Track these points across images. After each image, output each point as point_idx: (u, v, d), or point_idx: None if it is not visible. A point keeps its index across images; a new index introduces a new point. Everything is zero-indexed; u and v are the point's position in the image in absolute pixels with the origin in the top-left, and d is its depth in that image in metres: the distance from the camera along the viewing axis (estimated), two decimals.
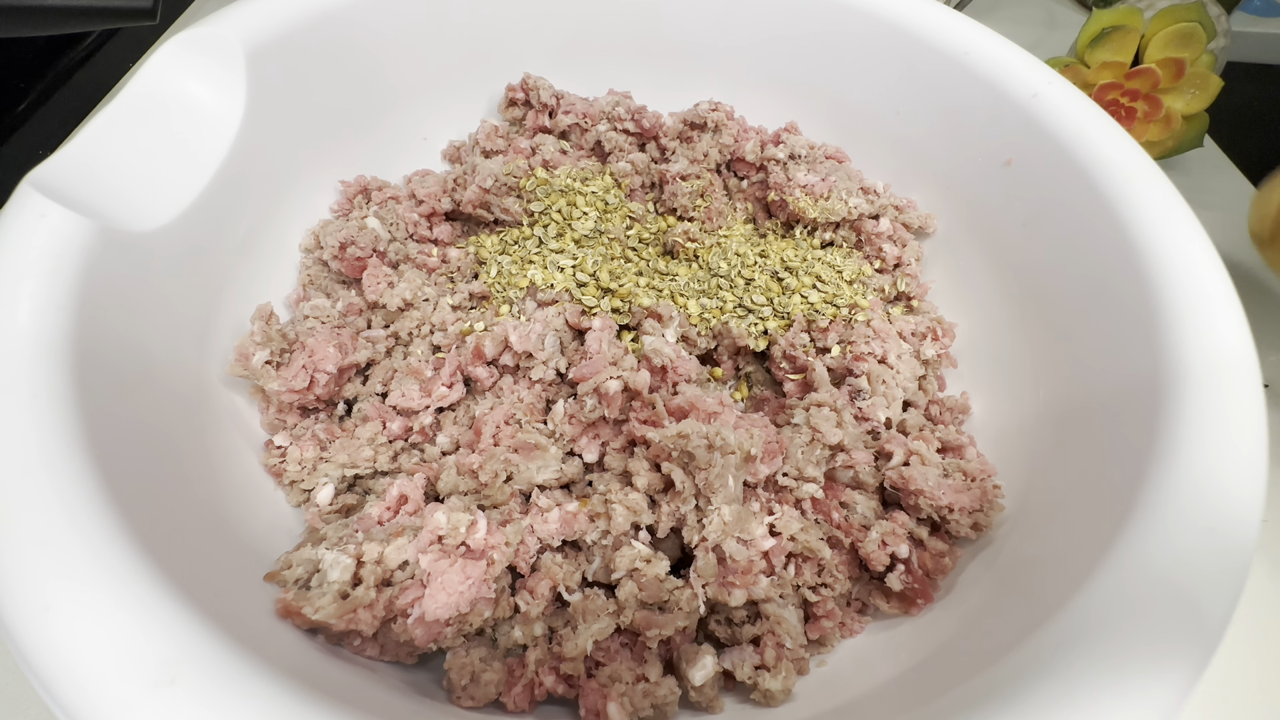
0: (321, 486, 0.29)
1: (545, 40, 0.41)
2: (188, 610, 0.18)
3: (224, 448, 0.28)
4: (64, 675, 0.16)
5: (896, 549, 0.27)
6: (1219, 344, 0.23)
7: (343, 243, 0.34)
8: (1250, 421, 0.22)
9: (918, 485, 0.28)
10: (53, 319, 0.22)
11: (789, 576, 0.27)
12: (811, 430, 0.29)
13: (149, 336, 0.26)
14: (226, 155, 0.30)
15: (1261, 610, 0.32)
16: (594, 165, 0.40)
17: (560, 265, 0.35)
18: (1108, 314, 0.27)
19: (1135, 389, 0.25)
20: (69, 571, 0.18)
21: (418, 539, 0.24)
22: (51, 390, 0.21)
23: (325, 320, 0.33)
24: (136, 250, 0.26)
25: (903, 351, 0.33)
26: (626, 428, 0.28)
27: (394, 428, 0.30)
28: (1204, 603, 0.19)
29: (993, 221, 0.34)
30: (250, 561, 0.25)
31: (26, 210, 0.24)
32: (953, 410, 0.32)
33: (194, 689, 0.17)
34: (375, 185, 0.38)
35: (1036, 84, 0.32)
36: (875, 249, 0.37)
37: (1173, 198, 0.27)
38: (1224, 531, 0.20)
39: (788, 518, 0.27)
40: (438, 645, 0.24)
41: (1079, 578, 0.21)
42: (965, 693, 0.20)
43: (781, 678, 0.25)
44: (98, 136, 0.26)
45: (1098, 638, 0.19)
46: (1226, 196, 0.51)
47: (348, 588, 0.23)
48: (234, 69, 0.30)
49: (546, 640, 0.25)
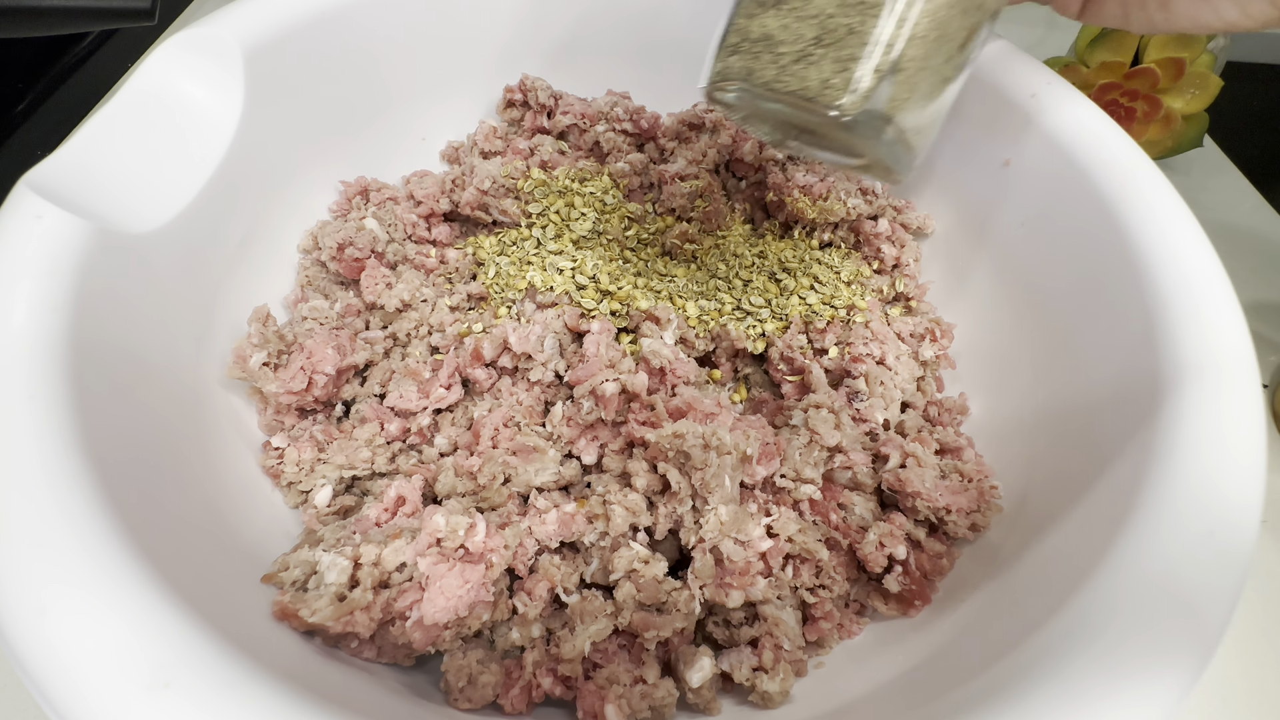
0: (319, 488, 0.29)
1: (543, 40, 0.41)
2: (184, 612, 0.18)
3: (222, 449, 0.28)
4: (59, 678, 0.16)
5: (894, 550, 0.27)
6: (1218, 344, 0.23)
7: (341, 244, 0.34)
8: (1249, 423, 0.22)
9: (915, 487, 0.28)
10: (49, 320, 0.22)
11: (787, 578, 0.27)
12: (809, 432, 0.29)
13: (146, 338, 0.26)
14: (224, 156, 0.30)
15: (1260, 611, 0.32)
16: (592, 166, 0.40)
17: (560, 267, 0.34)
18: (1106, 314, 0.27)
19: (1134, 389, 0.24)
20: (65, 574, 0.18)
21: (416, 541, 0.24)
22: (48, 392, 0.21)
23: (323, 321, 0.33)
24: (134, 251, 0.26)
25: (901, 353, 0.33)
26: (625, 429, 0.28)
27: (392, 429, 0.30)
28: (1203, 604, 0.19)
29: (991, 222, 0.34)
30: (247, 563, 0.25)
31: (23, 211, 0.24)
32: (951, 411, 0.32)
33: (189, 692, 0.17)
34: (374, 186, 0.38)
35: (1035, 84, 0.32)
36: (874, 250, 0.37)
37: (1172, 198, 0.27)
38: (1223, 533, 0.20)
39: (785, 519, 0.27)
40: (435, 648, 0.24)
41: (1077, 579, 0.21)
42: (964, 694, 0.20)
43: (779, 679, 0.24)
44: (95, 137, 0.26)
45: (1096, 639, 0.19)
46: (1226, 196, 0.51)
47: (345, 590, 0.23)
48: (232, 70, 0.30)
49: (544, 642, 0.25)
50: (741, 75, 0.21)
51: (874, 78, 0.19)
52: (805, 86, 0.20)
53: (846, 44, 0.19)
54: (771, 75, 0.20)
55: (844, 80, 0.19)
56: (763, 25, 0.20)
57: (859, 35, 0.19)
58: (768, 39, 0.20)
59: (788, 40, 0.20)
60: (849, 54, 0.19)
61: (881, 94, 0.19)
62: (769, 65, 0.20)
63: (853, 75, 0.19)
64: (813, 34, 0.20)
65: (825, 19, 0.20)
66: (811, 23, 0.20)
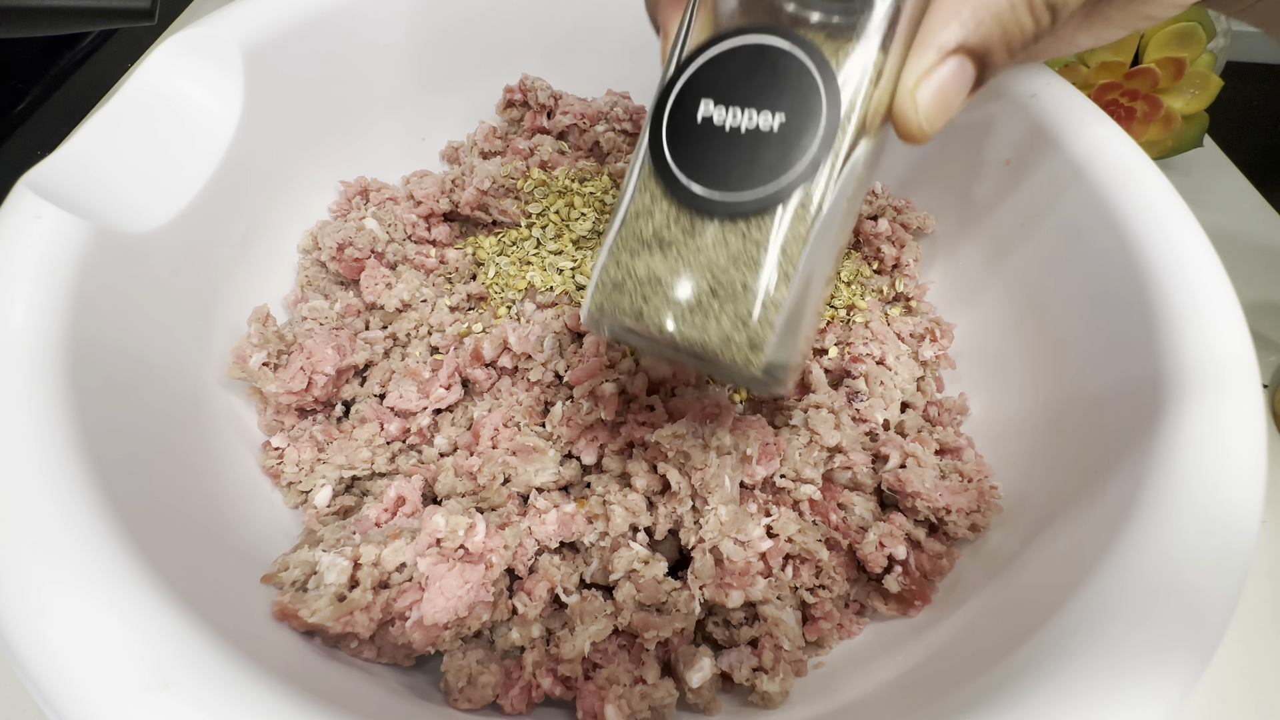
0: (319, 488, 0.29)
1: (543, 40, 0.41)
2: (183, 613, 0.18)
3: (221, 449, 0.28)
4: (58, 679, 0.16)
5: (894, 550, 0.27)
6: (1218, 344, 0.23)
7: (340, 244, 0.34)
8: (1249, 423, 0.22)
9: (914, 487, 0.28)
10: (49, 321, 0.22)
11: (787, 578, 0.27)
12: (809, 432, 0.29)
13: (146, 338, 0.26)
14: (224, 156, 0.30)
15: (1261, 612, 0.32)
16: (592, 166, 0.40)
17: (559, 267, 0.34)
18: (1107, 314, 0.27)
19: (1134, 390, 0.24)
20: (64, 574, 0.18)
21: (416, 541, 0.24)
22: (47, 392, 0.21)
23: (323, 321, 0.33)
24: (133, 252, 0.26)
25: (901, 353, 0.33)
26: (625, 429, 0.28)
27: (392, 429, 0.30)
28: (1203, 605, 0.19)
29: (991, 222, 0.34)
30: (247, 563, 0.25)
31: (22, 211, 0.24)
32: (951, 411, 0.32)
33: (189, 692, 0.17)
34: (374, 186, 0.38)
35: (1035, 84, 0.32)
36: (873, 249, 0.37)
37: (1172, 198, 0.27)
38: (1223, 533, 0.20)
39: (785, 519, 0.27)
40: (435, 648, 0.24)
41: (1077, 580, 0.21)
42: (964, 694, 0.20)
43: (779, 679, 0.24)
44: (95, 137, 0.26)
45: (1096, 640, 0.19)
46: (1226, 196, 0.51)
47: (345, 590, 0.23)
48: (231, 70, 0.30)
49: (544, 642, 0.25)
50: (631, 315, 0.19)
51: (774, 334, 0.18)
52: (705, 340, 0.19)
53: (744, 300, 0.18)
54: (664, 321, 0.19)
55: (746, 339, 0.18)
56: (649, 266, 0.19)
57: (753, 292, 0.18)
58: (657, 281, 0.19)
59: (679, 287, 0.19)
60: (746, 310, 0.18)
61: (783, 347, 0.19)
62: (661, 309, 0.19)
63: (755, 334, 0.18)
64: (706, 285, 0.19)
65: (718, 271, 0.19)
66: (703, 273, 0.19)
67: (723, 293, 0.19)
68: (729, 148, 0.19)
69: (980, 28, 0.18)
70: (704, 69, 0.19)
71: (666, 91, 0.20)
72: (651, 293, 0.19)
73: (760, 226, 0.19)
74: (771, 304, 0.18)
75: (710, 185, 0.19)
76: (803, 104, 0.18)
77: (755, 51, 0.19)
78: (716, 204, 0.19)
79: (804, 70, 0.18)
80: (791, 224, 0.18)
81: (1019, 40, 0.18)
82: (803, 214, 0.18)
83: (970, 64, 0.18)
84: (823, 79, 0.18)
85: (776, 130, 0.18)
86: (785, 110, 0.18)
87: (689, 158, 0.19)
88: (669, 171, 0.19)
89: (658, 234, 0.19)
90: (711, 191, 0.19)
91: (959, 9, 0.18)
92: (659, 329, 0.19)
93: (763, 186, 0.18)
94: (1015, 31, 0.18)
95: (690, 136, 0.19)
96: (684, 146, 0.19)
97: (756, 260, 0.18)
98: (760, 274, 0.18)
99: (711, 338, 0.19)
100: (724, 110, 0.19)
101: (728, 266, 0.19)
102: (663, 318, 0.19)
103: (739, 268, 0.19)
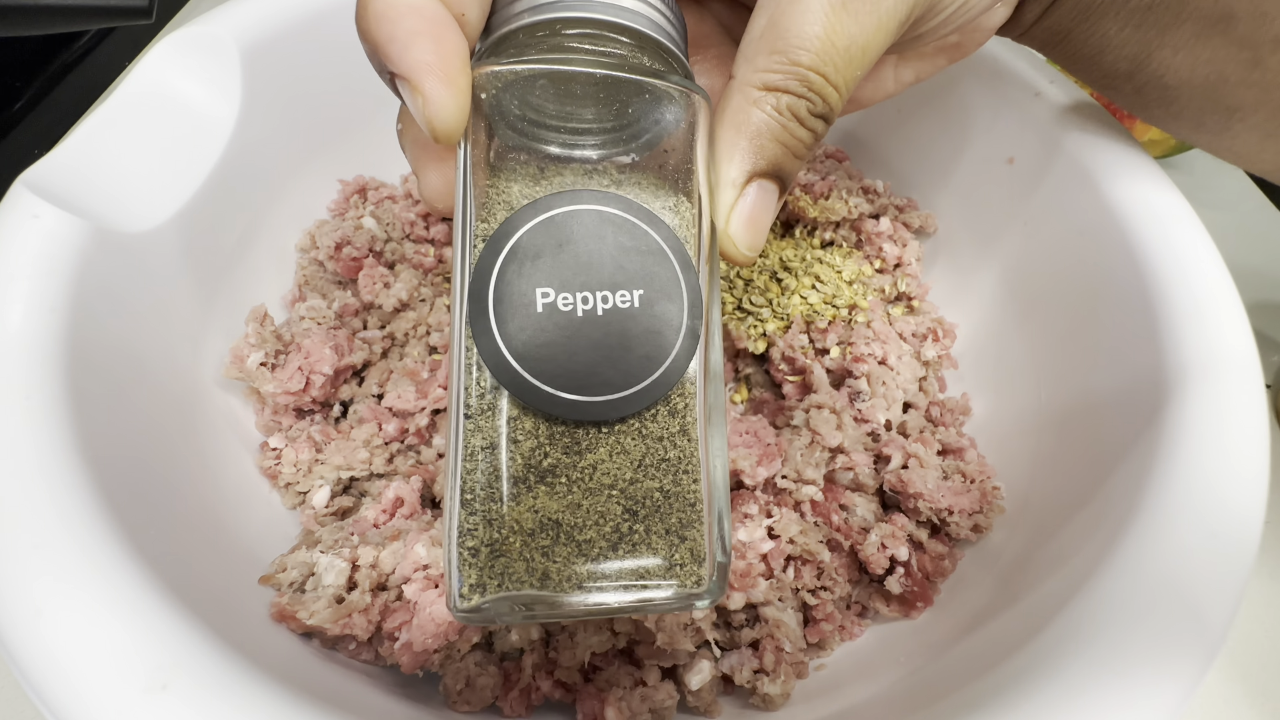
0: (317, 489, 0.29)
1: None
2: (181, 614, 0.18)
3: (219, 450, 0.28)
4: (56, 680, 0.16)
5: (896, 551, 0.27)
6: (1221, 344, 0.23)
7: (338, 243, 0.34)
8: (1252, 423, 0.22)
9: (917, 488, 0.28)
10: (46, 321, 0.22)
11: (788, 579, 0.27)
12: (811, 432, 0.29)
13: (144, 338, 0.26)
14: (221, 155, 0.30)
15: (1263, 612, 0.32)
16: None
17: None
18: (1109, 314, 0.27)
19: (1137, 390, 0.24)
20: (61, 575, 0.18)
21: (402, 565, 0.24)
22: (45, 392, 0.21)
23: (321, 321, 0.33)
24: (131, 251, 0.26)
25: (903, 353, 0.32)
26: None
27: (390, 429, 0.30)
28: (1205, 606, 0.19)
29: (994, 221, 0.34)
30: (245, 564, 0.25)
31: (20, 211, 0.23)
32: (953, 411, 0.32)
33: (187, 694, 0.16)
34: (372, 185, 0.38)
35: (1039, 83, 0.31)
36: (875, 249, 0.37)
37: (1175, 197, 0.27)
38: (1226, 534, 0.20)
39: (787, 520, 0.27)
40: (424, 670, 0.24)
41: (1080, 580, 0.21)
42: (966, 696, 0.20)
43: (780, 681, 0.24)
44: (92, 136, 0.26)
45: (1099, 641, 0.19)
46: (1227, 196, 0.51)
47: (343, 592, 0.23)
48: (229, 68, 0.30)
49: (543, 645, 0.25)
50: (533, 582, 0.15)
51: (716, 533, 0.16)
52: (645, 575, 0.15)
53: (670, 510, 0.16)
54: (584, 574, 0.15)
55: (689, 552, 0.16)
56: (537, 510, 0.15)
57: (677, 495, 0.16)
58: (555, 526, 0.15)
59: (588, 524, 0.15)
60: (677, 519, 0.16)
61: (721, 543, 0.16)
62: (573, 560, 0.15)
63: (695, 543, 0.16)
64: (619, 508, 0.15)
65: (626, 487, 0.15)
66: (610, 496, 0.15)
67: (643, 510, 0.16)
68: (593, 337, 0.16)
69: (763, 152, 0.18)
70: (522, 248, 0.16)
71: (481, 284, 0.16)
72: (553, 541, 0.15)
73: (655, 418, 0.16)
74: (699, 500, 0.16)
75: (584, 390, 0.15)
76: (656, 270, 0.16)
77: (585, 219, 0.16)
78: (599, 407, 0.15)
79: (639, 231, 0.16)
80: (688, 403, 0.16)
81: (804, 149, 0.19)
82: (693, 389, 0.16)
83: (768, 182, 0.18)
84: (661, 236, 0.16)
85: (639, 305, 0.16)
86: (642, 283, 0.16)
87: (543, 361, 0.15)
88: (523, 383, 0.15)
89: (531, 464, 0.15)
90: (588, 396, 0.15)
91: (737, 141, 0.18)
92: (578, 586, 0.15)
93: (648, 374, 0.16)
94: (796, 144, 0.18)
95: (537, 334, 0.15)
96: (532, 349, 0.15)
97: (666, 458, 0.16)
98: (678, 471, 0.16)
99: (652, 570, 0.15)
100: (570, 296, 0.16)
101: (636, 477, 0.16)
102: (581, 569, 0.15)
103: (649, 474, 0.16)
